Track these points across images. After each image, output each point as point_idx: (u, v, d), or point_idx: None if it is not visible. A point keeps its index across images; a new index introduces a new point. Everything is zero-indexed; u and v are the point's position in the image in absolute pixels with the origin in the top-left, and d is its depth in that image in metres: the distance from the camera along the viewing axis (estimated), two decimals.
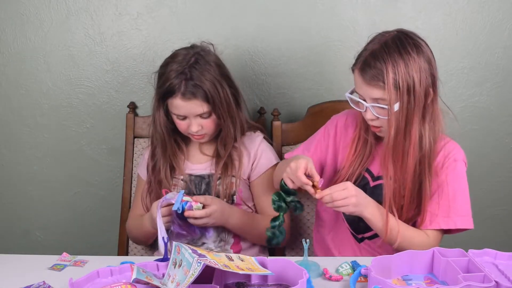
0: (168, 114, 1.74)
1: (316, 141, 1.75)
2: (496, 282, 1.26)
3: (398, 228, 1.54)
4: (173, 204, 1.59)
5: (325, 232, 1.77)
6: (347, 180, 1.62)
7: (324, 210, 1.76)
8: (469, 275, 1.27)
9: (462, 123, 2.14)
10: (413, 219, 1.60)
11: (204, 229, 1.68)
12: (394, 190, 1.56)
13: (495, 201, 2.21)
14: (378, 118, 1.53)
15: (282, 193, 1.55)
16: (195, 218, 1.61)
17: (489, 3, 2.05)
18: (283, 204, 1.55)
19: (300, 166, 1.46)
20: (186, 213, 1.59)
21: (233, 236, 1.79)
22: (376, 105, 1.51)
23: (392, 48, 1.49)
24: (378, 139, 1.65)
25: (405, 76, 1.46)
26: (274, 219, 1.58)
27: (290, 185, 1.51)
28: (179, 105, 1.68)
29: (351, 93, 1.58)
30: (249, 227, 1.76)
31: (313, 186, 1.48)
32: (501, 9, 2.06)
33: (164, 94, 1.69)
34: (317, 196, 1.47)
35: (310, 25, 2.07)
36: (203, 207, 1.62)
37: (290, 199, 1.55)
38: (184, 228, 1.62)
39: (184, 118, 1.71)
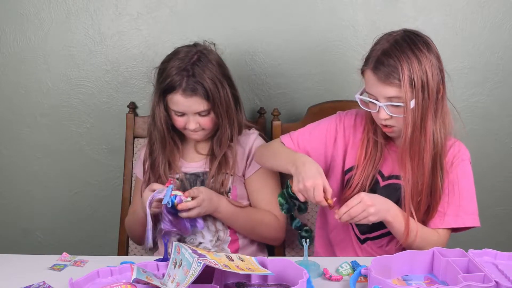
0: (167, 110, 1.75)
1: (320, 132, 1.71)
2: (496, 282, 1.26)
3: (417, 229, 1.54)
4: (162, 199, 1.59)
5: (328, 230, 1.77)
6: (362, 183, 1.62)
7: (329, 210, 1.76)
8: (469, 275, 1.27)
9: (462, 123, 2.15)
10: (424, 218, 1.60)
11: (194, 221, 1.67)
12: (411, 189, 1.56)
13: (495, 201, 2.21)
14: (391, 117, 1.52)
15: (286, 195, 1.60)
16: (188, 210, 1.62)
17: (489, 3, 2.05)
18: (291, 204, 1.61)
19: (319, 189, 1.46)
20: (180, 206, 1.59)
21: (230, 234, 1.79)
22: (391, 103, 1.50)
23: (404, 46, 1.50)
24: (388, 139, 1.65)
25: (419, 73, 1.47)
26: (292, 220, 1.63)
27: (301, 198, 1.51)
28: (179, 101, 1.68)
29: (361, 94, 1.58)
30: (238, 216, 1.75)
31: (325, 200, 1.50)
32: (501, 9, 2.05)
33: (164, 89, 1.70)
34: (336, 216, 1.49)
35: (310, 25, 2.07)
36: (192, 199, 1.63)
37: (296, 201, 1.60)
38: (175, 224, 1.63)
39: (183, 114, 1.72)
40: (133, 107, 2.09)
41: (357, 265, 1.44)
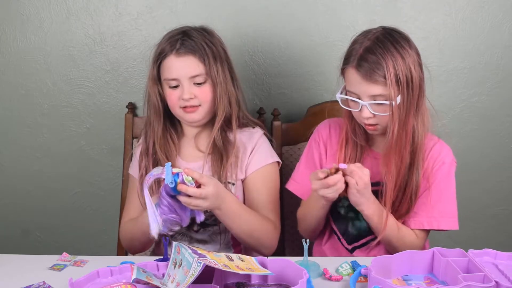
0: (162, 98, 1.69)
1: (312, 159, 1.71)
2: (496, 282, 1.25)
3: (398, 227, 1.54)
4: (163, 179, 1.38)
5: (322, 241, 1.76)
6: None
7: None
8: (469, 275, 1.27)
9: (462, 123, 2.15)
10: (397, 216, 1.59)
11: (195, 212, 1.47)
12: (391, 188, 1.54)
13: (495, 201, 2.21)
14: (374, 116, 1.50)
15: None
16: (188, 196, 1.42)
17: (489, 3, 2.05)
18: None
19: (320, 183, 1.45)
20: (179, 187, 1.38)
21: (233, 245, 1.77)
22: (374, 102, 1.48)
23: (386, 42, 1.48)
24: (368, 142, 1.64)
25: (403, 69, 1.46)
26: None
27: (341, 194, 1.49)
28: (172, 65, 1.63)
29: (341, 93, 1.56)
30: (240, 217, 1.61)
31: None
32: (501, 9, 2.05)
33: (157, 58, 1.65)
34: (334, 165, 1.46)
35: (310, 25, 2.07)
36: (199, 186, 1.44)
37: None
38: (174, 208, 1.44)
39: (177, 86, 1.64)
40: (132, 107, 2.09)
41: (357, 265, 1.44)
